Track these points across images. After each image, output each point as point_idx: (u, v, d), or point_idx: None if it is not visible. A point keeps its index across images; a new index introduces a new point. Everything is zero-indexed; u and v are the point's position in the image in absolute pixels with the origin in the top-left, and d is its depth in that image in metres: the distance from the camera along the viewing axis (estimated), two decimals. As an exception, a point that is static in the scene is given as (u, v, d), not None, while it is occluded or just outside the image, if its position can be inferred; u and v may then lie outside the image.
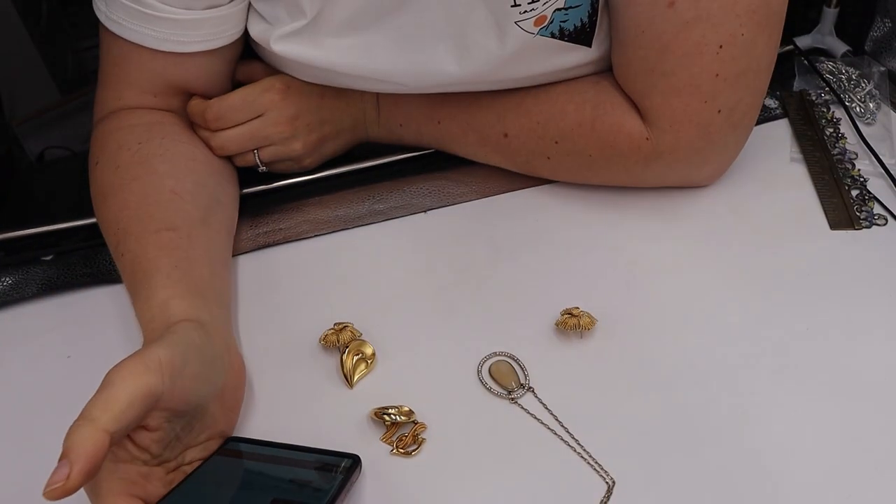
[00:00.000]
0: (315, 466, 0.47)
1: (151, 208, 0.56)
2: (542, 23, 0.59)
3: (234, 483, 0.46)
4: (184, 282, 0.52)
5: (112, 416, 0.39)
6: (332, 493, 0.45)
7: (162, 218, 0.55)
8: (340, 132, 0.69)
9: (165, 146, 0.60)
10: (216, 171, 0.63)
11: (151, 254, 0.53)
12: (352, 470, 0.48)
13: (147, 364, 0.42)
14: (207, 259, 0.55)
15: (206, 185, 0.60)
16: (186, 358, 0.45)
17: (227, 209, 0.63)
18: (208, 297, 0.52)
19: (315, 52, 0.61)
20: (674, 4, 0.56)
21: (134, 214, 0.56)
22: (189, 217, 0.56)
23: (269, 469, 0.47)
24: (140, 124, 0.62)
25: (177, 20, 0.58)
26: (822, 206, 0.66)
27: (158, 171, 0.58)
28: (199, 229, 0.56)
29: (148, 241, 0.54)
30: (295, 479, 0.47)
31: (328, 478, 0.47)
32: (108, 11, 0.58)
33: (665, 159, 0.62)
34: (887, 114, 0.74)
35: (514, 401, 0.54)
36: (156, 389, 0.42)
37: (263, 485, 0.46)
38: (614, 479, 0.49)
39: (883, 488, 0.48)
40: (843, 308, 0.58)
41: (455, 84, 0.64)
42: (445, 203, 0.68)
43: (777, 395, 0.53)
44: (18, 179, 0.80)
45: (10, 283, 0.63)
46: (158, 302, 0.50)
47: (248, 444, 0.49)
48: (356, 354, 0.56)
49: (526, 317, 0.59)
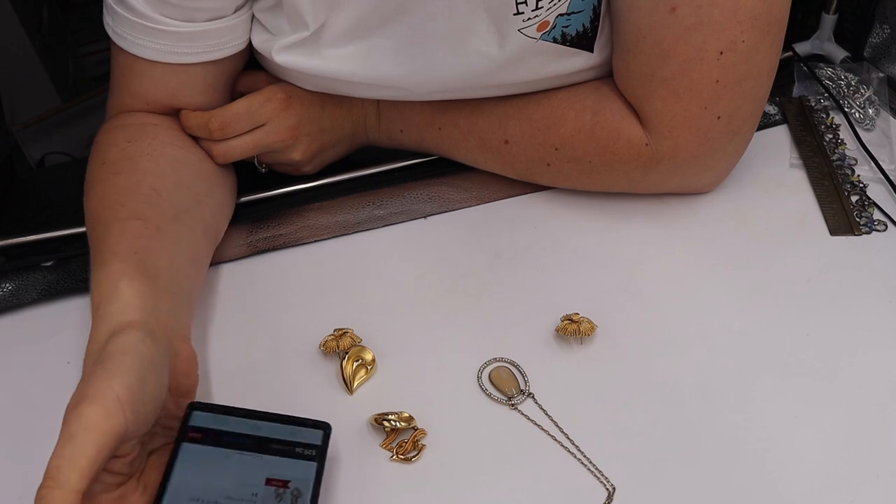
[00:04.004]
0: (294, 439, 0.48)
1: (126, 199, 0.56)
2: (544, 28, 0.59)
3: (222, 469, 0.46)
4: (138, 267, 0.50)
5: (80, 475, 0.39)
6: (317, 468, 0.46)
7: (133, 208, 0.55)
8: (341, 140, 0.70)
9: (154, 146, 0.61)
10: (206, 177, 0.63)
11: (113, 239, 0.52)
12: (327, 439, 0.48)
13: (107, 408, 0.41)
14: (171, 251, 0.54)
15: (189, 187, 0.60)
16: (143, 379, 0.44)
17: (209, 212, 0.62)
18: (160, 285, 0.51)
19: (316, 61, 0.61)
20: (675, 10, 0.56)
21: (108, 204, 0.56)
22: (162, 211, 0.56)
23: (250, 446, 0.47)
24: (134, 125, 0.63)
25: (179, 32, 0.58)
26: (822, 211, 0.66)
27: (141, 168, 0.58)
28: (170, 224, 0.56)
29: (114, 227, 0.53)
30: (279, 453, 0.47)
31: (308, 451, 0.47)
32: (114, 25, 0.60)
33: (665, 165, 0.62)
34: (886, 119, 0.74)
35: (514, 407, 0.54)
36: (121, 430, 0.41)
37: (252, 466, 0.46)
38: (614, 485, 0.49)
39: (884, 495, 0.48)
40: (844, 314, 0.58)
41: (456, 90, 0.64)
42: (445, 209, 0.68)
43: (777, 401, 0.53)
44: (19, 185, 0.80)
45: (11, 288, 0.63)
46: (108, 284, 0.49)
47: (214, 416, 0.48)
48: (356, 360, 0.56)
49: (526, 322, 0.59)
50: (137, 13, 0.57)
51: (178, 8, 0.57)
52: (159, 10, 0.57)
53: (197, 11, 0.58)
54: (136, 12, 0.57)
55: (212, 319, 0.61)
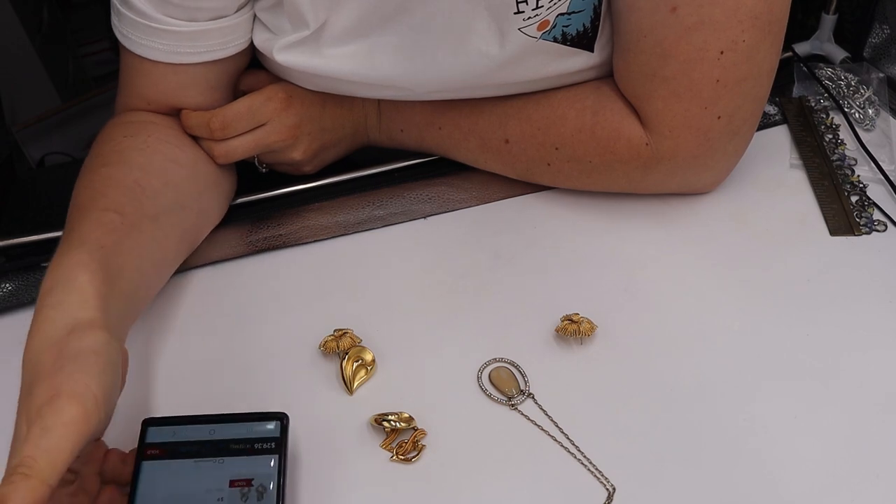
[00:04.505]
0: (252, 436, 0.47)
1: (109, 190, 0.56)
2: (544, 27, 0.59)
3: (185, 481, 0.46)
4: (101, 263, 0.50)
5: (55, 469, 0.39)
6: (278, 460, 0.46)
7: (115, 199, 0.55)
8: (341, 139, 0.70)
9: (148, 143, 0.61)
10: (198, 180, 0.63)
11: (86, 227, 0.52)
12: (285, 429, 0.48)
13: (86, 407, 0.41)
14: (139, 253, 0.54)
15: (176, 188, 0.60)
16: (113, 384, 0.44)
17: (192, 217, 0.62)
18: (118, 288, 0.50)
19: (317, 61, 0.61)
20: (676, 10, 0.56)
21: (91, 194, 0.56)
22: (142, 209, 0.56)
23: (210, 451, 0.47)
24: (134, 122, 0.63)
25: (182, 32, 0.59)
26: (822, 212, 0.66)
27: (130, 162, 0.59)
28: (146, 223, 0.56)
29: (90, 216, 0.53)
30: (239, 452, 0.47)
31: (267, 444, 0.47)
32: (120, 26, 0.60)
33: (665, 165, 0.62)
34: (886, 120, 0.74)
35: (514, 407, 0.54)
36: (96, 430, 0.42)
37: (214, 471, 0.46)
38: (614, 485, 0.49)
39: (885, 495, 0.48)
40: (844, 314, 0.58)
41: (457, 89, 0.64)
42: (445, 209, 0.68)
43: (777, 401, 0.53)
44: (19, 185, 0.80)
45: (10, 289, 0.63)
46: (67, 271, 0.48)
47: (169, 429, 0.48)
48: (356, 361, 0.56)
49: (526, 323, 0.59)
50: (140, 13, 0.58)
51: (181, 7, 0.57)
52: (162, 10, 0.58)
53: (199, 11, 0.58)
54: (140, 12, 0.58)
55: (211, 319, 0.61)
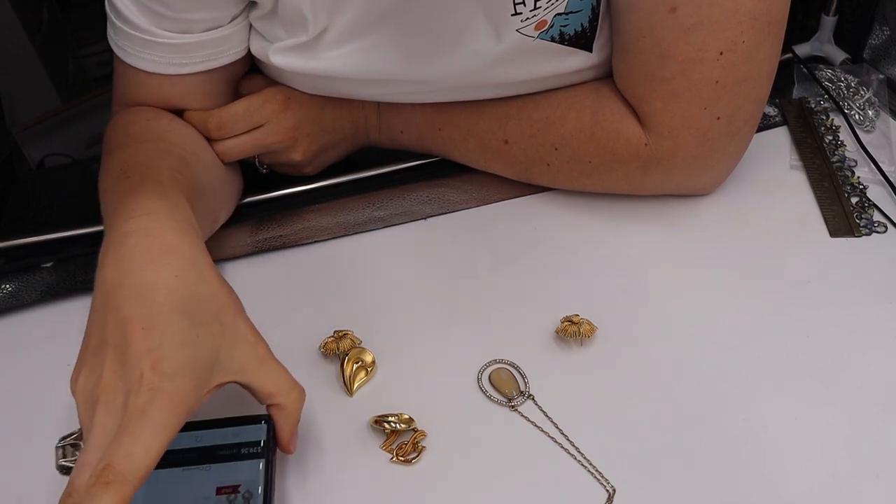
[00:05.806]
0: (238, 440, 0.47)
1: (157, 160, 0.56)
2: (542, 27, 0.59)
3: (172, 491, 0.45)
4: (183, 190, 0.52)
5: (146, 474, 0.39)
6: (264, 464, 0.46)
7: (170, 164, 0.55)
8: (341, 141, 0.70)
9: (174, 127, 0.62)
10: (222, 169, 0.64)
11: (164, 174, 0.53)
12: (272, 431, 0.48)
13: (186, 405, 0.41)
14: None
15: (209, 171, 0.61)
16: None
17: (221, 200, 0.64)
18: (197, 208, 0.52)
19: (313, 63, 0.62)
20: (675, 10, 0.56)
21: (139, 161, 0.55)
22: (194, 179, 0.57)
23: (196, 459, 0.47)
24: (150, 110, 0.63)
25: (177, 44, 0.59)
26: (822, 213, 0.66)
27: (168, 140, 0.59)
28: (196, 197, 0.56)
29: (160, 167, 0.54)
30: (225, 458, 0.46)
31: (253, 448, 0.47)
32: (115, 38, 0.61)
33: (664, 166, 0.62)
34: (886, 121, 0.74)
35: (514, 408, 0.54)
36: None
37: (201, 479, 0.46)
38: (615, 487, 0.49)
39: (885, 495, 0.48)
40: (844, 314, 0.58)
41: (454, 89, 0.64)
42: (445, 210, 0.68)
43: (777, 402, 0.53)
44: (19, 186, 0.80)
45: (10, 290, 0.63)
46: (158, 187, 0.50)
47: None
48: (356, 362, 0.56)
49: (526, 324, 0.59)
50: (135, 27, 0.58)
51: (175, 21, 0.58)
52: (156, 24, 0.58)
53: (193, 23, 0.58)
54: (135, 26, 0.58)
55: (212, 321, 0.61)
